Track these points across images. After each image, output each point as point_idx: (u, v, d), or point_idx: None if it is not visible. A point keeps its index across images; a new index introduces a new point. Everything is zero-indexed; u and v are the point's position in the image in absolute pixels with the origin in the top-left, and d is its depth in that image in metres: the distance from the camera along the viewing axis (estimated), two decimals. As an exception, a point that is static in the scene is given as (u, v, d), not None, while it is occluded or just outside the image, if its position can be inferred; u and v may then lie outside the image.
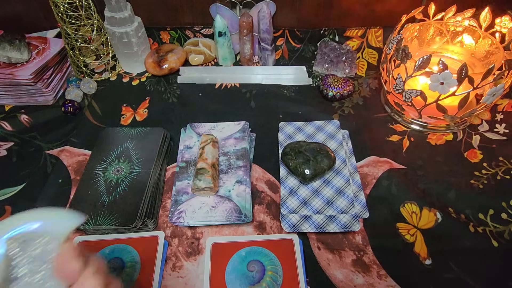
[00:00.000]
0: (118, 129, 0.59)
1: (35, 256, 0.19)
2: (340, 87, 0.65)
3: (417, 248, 0.46)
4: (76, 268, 0.20)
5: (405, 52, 0.52)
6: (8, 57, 0.64)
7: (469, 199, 0.50)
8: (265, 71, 0.73)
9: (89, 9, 0.65)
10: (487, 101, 0.51)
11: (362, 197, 0.51)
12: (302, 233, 0.47)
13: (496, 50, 0.55)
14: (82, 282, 0.20)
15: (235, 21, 0.73)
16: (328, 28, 0.76)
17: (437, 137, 0.59)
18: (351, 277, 0.43)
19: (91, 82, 0.69)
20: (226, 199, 0.50)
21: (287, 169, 0.53)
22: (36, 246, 0.19)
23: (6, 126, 0.63)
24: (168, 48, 0.74)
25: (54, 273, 0.20)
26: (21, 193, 0.53)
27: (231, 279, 0.42)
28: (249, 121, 0.60)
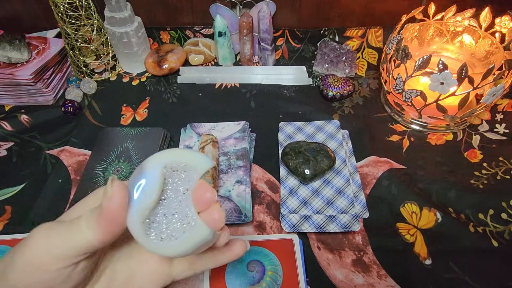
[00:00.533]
0: (118, 129, 0.59)
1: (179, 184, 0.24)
2: (340, 87, 0.65)
3: (417, 248, 0.46)
4: (210, 197, 0.25)
5: (405, 52, 0.52)
6: (8, 57, 0.64)
7: (469, 199, 0.50)
8: (265, 71, 0.73)
9: (89, 9, 0.65)
10: (487, 101, 0.51)
11: (362, 197, 0.51)
12: (302, 233, 0.47)
13: (496, 50, 0.55)
14: (212, 210, 0.25)
15: (235, 21, 0.73)
16: (328, 28, 0.76)
17: (437, 137, 0.59)
18: (351, 277, 0.43)
19: (91, 82, 0.69)
20: (226, 199, 0.50)
21: (287, 169, 0.53)
22: (180, 176, 0.24)
23: (6, 126, 0.63)
24: (168, 48, 0.74)
25: (192, 198, 0.24)
26: (21, 193, 0.53)
27: (231, 279, 0.42)
28: (249, 121, 0.61)
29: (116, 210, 0.22)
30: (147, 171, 0.23)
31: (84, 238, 0.22)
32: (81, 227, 0.22)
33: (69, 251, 0.22)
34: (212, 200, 0.25)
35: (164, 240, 0.23)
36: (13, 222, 0.50)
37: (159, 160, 0.24)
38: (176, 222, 0.24)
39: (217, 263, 0.29)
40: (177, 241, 0.23)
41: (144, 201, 0.23)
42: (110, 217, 0.22)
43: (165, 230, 0.23)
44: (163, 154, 0.24)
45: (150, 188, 0.23)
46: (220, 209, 0.25)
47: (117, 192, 0.22)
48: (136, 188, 0.23)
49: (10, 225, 0.49)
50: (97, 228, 0.22)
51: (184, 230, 0.23)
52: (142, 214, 0.23)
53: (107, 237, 0.22)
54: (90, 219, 0.22)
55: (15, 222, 0.50)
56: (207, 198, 0.24)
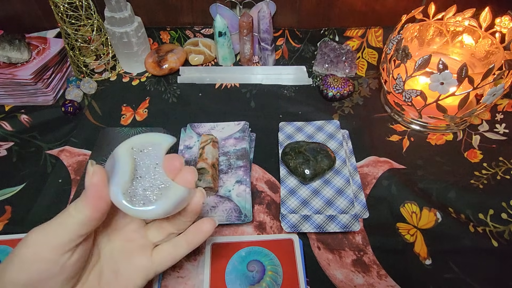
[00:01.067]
0: (118, 129, 0.59)
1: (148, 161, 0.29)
2: (340, 87, 0.65)
3: (417, 248, 0.46)
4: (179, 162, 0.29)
5: (405, 52, 0.52)
6: (8, 57, 0.64)
7: (469, 199, 0.50)
8: (265, 71, 0.73)
9: (89, 9, 0.65)
10: (487, 101, 0.51)
11: (362, 197, 0.51)
12: (302, 233, 0.47)
13: (496, 50, 0.55)
14: (183, 172, 0.29)
15: (235, 21, 0.73)
16: (328, 28, 0.76)
17: (437, 137, 0.59)
18: (351, 277, 0.43)
19: (91, 82, 0.69)
20: (226, 199, 0.50)
21: (287, 169, 0.53)
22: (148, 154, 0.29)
23: (6, 126, 0.63)
24: (168, 48, 0.74)
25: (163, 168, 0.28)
26: (21, 193, 0.53)
27: (231, 279, 0.42)
28: (249, 121, 0.61)
29: (99, 184, 0.25)
30: (117, 155, 0.28)
31: (75, 219, 0.25)
32: (70, 212, 0.25)
33: (64, 237, 0.25)
34: (181, 163, 0.29)
35: (145, 205, 0.27)
36: (13, 222, 0.50)
37: (125, 144, 0.29)
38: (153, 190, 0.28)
39: (191, 246, 0.33)
40: (157, 202, 0.27)
41: (121, 177, 0.27)
42: (95, 192, 0.25)
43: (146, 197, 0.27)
44: (128, 139, 0.29)
45: (123, 167, 0.27)
46: (190, 169, 0.29)
47: (97, 169, 0.25)
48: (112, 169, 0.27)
49: (10, 225, 0.49)
50: (85, 206, 0.25)
51: (161, 193, 0.28)
52: (122, 187, 0.26)
53: (95, 213, 0.25)
54: (78, 202, 0.25)
55: (15, 222, 0.50)
56: (176, 165, 0.29)
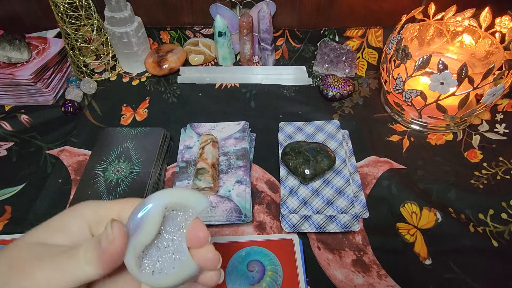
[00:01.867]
0: (118, 129, 0.59)
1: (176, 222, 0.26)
2: (340, 87, 0.65)
3: (417, 248, 0.46)
4: (203, 236, 0.26)
5: (405, 52, 0.52)
6: (8, 57, 0.64)
7: (469, 199, 0.50)
8: (265, 71, 0.73)
9: (89, 9, 0.65)
10: (487, 101, 0.51)
11: (362, 197, 0.51)
12: (302, 233, 0.47)
13: (496, 50, 0.55)
14: (205, 250, 0.26)
15: (235, 21, 0.73)
16: (328, 28, 0.76)
17: (437, 137, 0.59)
18: (351, 277, 0.43)
19: (91, 82, 0.69)
20: (226, 199, 0.50)
21: (287, 169, 0.53)
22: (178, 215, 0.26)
23: (6, 126, 0.63)
24: (168, 48, 0.74)
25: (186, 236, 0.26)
26: (21, 193, 0.53)
27: (231, 279, 0.42)
28: (249, 121, 0.61)
29: (116, 253, 0.23)
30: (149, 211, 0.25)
31: (84, 272, 0.23)
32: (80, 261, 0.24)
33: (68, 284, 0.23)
34: (204, 239, 0.26)
35: (154, 274, 0.25)
36: (13, 222, 0.50)
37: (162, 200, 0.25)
38: (168, 257, 0.26)
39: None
40: (166, 276, 0.25)
41: (142, 239, 0.25)
42: (110, 258, 0.23)
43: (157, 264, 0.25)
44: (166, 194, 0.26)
45: (149, 229, 0.25)
46: (214, 250, 0.26)
47: (118, 237, 0.23)
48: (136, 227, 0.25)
49: (10, 225, 0.49)
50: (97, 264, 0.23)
51: (174, 266, 0.25)
52: (138, 250, 0.25)
53: (106, 272, 0.24)
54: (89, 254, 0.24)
55: (15, 222, 0.50)
56: (200, 237, 0.26)
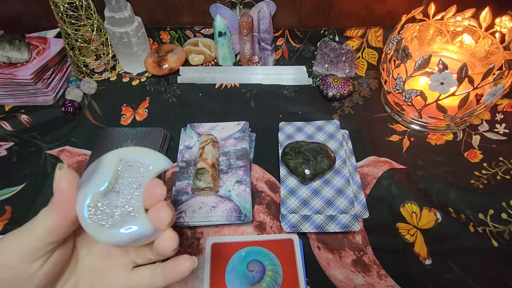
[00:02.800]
0: (118, 129, 0.59)
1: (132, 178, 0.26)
2: (340, 87, 0.65)
3: (417, 248, 0.46)
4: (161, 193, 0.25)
5: (405, 52, 0.52)
6: (8, 57, 0.64)
7: (469, 199, 0.50)
8: (265, 71, 0.73)
9: (89, 9, 0.65)
10: (487, 101, 0.51)
11: (362, 197, 0.51)
12: (302, 233, 0.47)
13: (496, 50, 0.55)
14: (159, 206, 0.25)
15: (235, 21, 0.73)
16: (328, 28, 0.76)
17: (437, 137, 0.59)
18: (351, 277, 0.43)
19: (91, 82, 0.69)
20: (226, 199, 0.50)
21: (287, 169, 0.53)
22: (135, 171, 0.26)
23: (6, 126, 0.63)
24: (168, 48, 0.74)
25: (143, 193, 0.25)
26: (21, 193, 0.53)
27: (231, 279, 0.42)
28: (249, 121, 0.61)
29: (65, 190, 0.24)
30: (102, 162, 0.25)
31: (41, 225, 0.24)
32: (39, 218, 0.24)
33: (31, 244, 0.24)
34: (161, 195, 0.25)
35: (104, 227, 0.24)
36: (13, 222, 0.50)
37: (115, 153, 0.26)
38: (121, 213, 0.25)
39: (167, 281, 0.29)
40: (115, 230, 0.24)
41: (94, 186, 0.24)
42: (60, 198, 0.24)
43: (108, 218, 0.24)
44: (121, 149, 0.26)
45: (101, 176, 0.25)
46: (167, 209, 0.25)
47: (64, 174, 0.24)
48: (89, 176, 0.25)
49: (10, 225, 0.49)
50: (51, 211, 0.24)
51: (126, 220, 0.24)
52: (89, 197, 0.24)
53: (62, 220, 0.24)
54: (46, 208, 0.24)
55: (15, 222, 0.50)
56: (157, 194, 0.25)
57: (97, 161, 0.26)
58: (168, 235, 0.26)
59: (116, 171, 0.25)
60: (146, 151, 0.26)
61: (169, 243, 0.26)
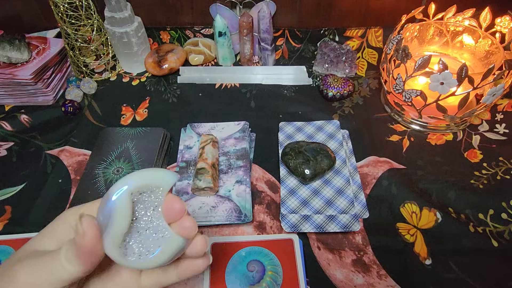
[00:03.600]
0: (118, 129, 0.59)
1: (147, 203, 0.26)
2: (340, 87, 0.65)
3: (417, 248, 0.46)
4: (179, 207, 0.26)
5: (405, 52, 0.52)
6: (8, 57, 0.64)
7: (469, 199, 0.50)
8: (265, 71, 0.73)
9: (89, 9, 0.65)
10: (487, 101, 0.51)
11: (362, 197, 0.51)
12: (302, 233, 0.47)
13: (496, 50, 0.55)
14: (182, 220, 0.26)
15: (235, 21, 0.73)
16: (328, 28, 0.76)
17: (437, 137, 0.59)
18: (351, 277, 0.43)
19: (91, 82, 0.69)
20: (226, 199, 0.50)
21: (287, 169, 0.53)
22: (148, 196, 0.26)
23: (6, 126, 0.63)
24: (168, 48, 0.74)
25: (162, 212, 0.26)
26: (21, 193, 0.53)
27: (231, 279, 0.42)
28: (249, 121, 0.61)
29: (90, 246, 0.23)
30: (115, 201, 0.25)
31: (66, 271, 0.23)
32: (62, 262, 0.24)
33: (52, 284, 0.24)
34: (182, 209, 0.26)
35: (142, 257, 0.25)
36: (13, 222, 0.50)
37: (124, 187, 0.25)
38: (150, 238, 0.25)
39: (181, 278, 0.30)
40: (154, 255, 0.25)
41: (117, 229, 0.24)
42: (86, 252, 0.23)
43: (141, 247, 0.25)
44: (127, 178, 0.26)
45: (120, 218, 0.24)
46: (190, 218, 0.26)
47: (88, 229, 0.23)
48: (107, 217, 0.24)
49: (10, 225, 0.49)
50: (77, 261, 0.23)
51: (159, 244, 0.25)
52: (117, 240, 0.24)
53: (87, 268, 0.24)
54: (69, 252, 0.24)
55: (15, 222, 0.50)
56: (176, 209, 0.26)
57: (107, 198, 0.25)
58: (199, 240, 0.27)
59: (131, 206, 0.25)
60: (151, 173, 0.26)
61: (201, 247, 0.27)
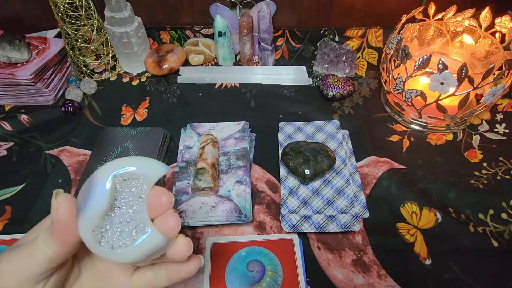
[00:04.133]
0: (118, 129, 0.59)
1: (131, 192, 0.24)
2: (340, 87, 0.65)
3: (417, 248, 0.46)
4: (167, 200, 0.24)
5: (405, 52, 0.52)
6: (8, 57, 0.64)
7: (469, 199, 0.50)
8: (265, 71, 0.73)
9: (89, 9, 0.65)
10: (487, 101, 0.51)
11: (362, 197, 0.51)
12: (302, 233, 0.47)
13: (496, 50, 0.55)
14: (166, 216, 0.24)
15: (235, 21, 0.73)
16: (328, 28, 0.76)
17: (437, 137, 0.59)
18: (351, 277, 0.43)
19: (91, 82, 0.69)
20: (226, 199, 0.50)
21: (287, 169, 0.53)
22: (132, 184, 0.24)
23: (6, 126, 0.63)
24: (168, 48, 0.74)
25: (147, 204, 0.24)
26: (21, 193, 0.53)
27: (231, 279, 0.42)
28: (249, 121, 0.61)
29: (64, 220, 0.23)
30: (97, 182, 0.23)
31: (43, 253, 0.23)
32: (38, 244, 0.23)
33: (32, 270, 0.23)
34: (168, 203, 0.24)
35: (115, 248, 0.23)
36: (13, 222, 0.50)
37: (108, 170, 0.24)
38: (128, 230, 0.24)
39: (172, 281, 0.28)
40: (128, 249, 0.23)
41: (94, 210, 0.23)
42: (60, 227, 0.23)
43: (117, 238, 0.24)
44: (113, 163, 0.24)
45: (99, 198, 0.23)
46: (175, 215, 0.24)
47: (62, 203, 0.23)
48: (86, 198, 0.23)
49: (10, 225, 0.49)
50: (52, 240, 0.23)
51: (136, 238, 0.23)
52: (91, 222, 0.23)
53: (64, 248, 0.23)
54: (45, 234, 0.23)
55: (15, 222, 0.50)
56: (163, 202, 0.24)
57: (89, 181, 0.24)
58: (181, 242, 0.25)
59: (112, 189, 0.24)
60: (138, 160, 0.25)
61: (183, 250, 0.25)
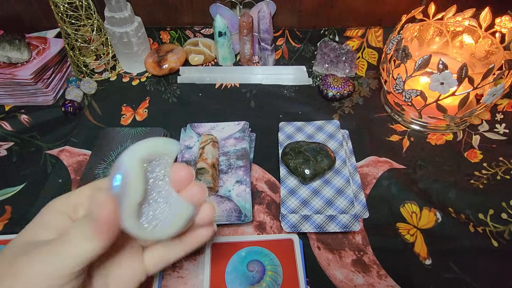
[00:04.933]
0: (118, 129, 0.59)
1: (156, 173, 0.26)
2: (340, 87, 0.65)
3: (417, 248, 0.46)
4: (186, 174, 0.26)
5: (405, 52, 0.52)
6: (8, 57, 0.64)
7: (469, 199, 0.50)
8: (265, 71, 0.73)
9: (89, 9, 0.65)
10: (487, 101, 0.51)
11: (362, 197, 0.51)
12: (302, 233, 0.47)
13: (496, 50, 0.55)
14: (191, 187, 0.26)
15: (235, 21, 0.73)
16: (328, 28, 0.76)
17: (437, 137, 0.59)
18: (351, 277, 0.43)
19: (91, 82, 0.69)
20: (226, 199, 0.50)
21: (287, 169, 0.53)
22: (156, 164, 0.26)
23: (6, 126, 0.63)
24: (168, 48, 0.74)
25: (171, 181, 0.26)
26: (21, 193, 0.53)
27: (231, 279, 0.42)
28: (249, 121, 0.61)
29: (110, 218, 0.23)
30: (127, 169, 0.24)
31: (83, 249, 0.23)
32: (75, 241, 0.23)
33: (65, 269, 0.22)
34: (188, 176, 0.26)
35: (156, 227, 0.25)
36: (13, 222, 0.50)
37: (134, 155, 0.25)
38: (162, 208, 0.26)
39: (187, 250, 0.30)
40: (167, 225, 0.25)
41: (132, 198, 0.24)
42: (107, 224, 0.23)
43: (153, 217, 0.25)
44: (134, 148, 0.25)
45: (134, 184, 0.24)
46: (197, 183, 0.27)
47: (107, 200, 0.23)
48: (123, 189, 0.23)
49: (10, 225, 0.49)
50: (95, 236, 0.23)
51: (171, 213, 0.25)
52: (132, 209, 0.24)
53: (106, 243, 0.23)
54: (85, 230, 0.23)
55: (15, 222, 0.50)
56: (183, 176, 0.26)
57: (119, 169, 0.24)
58: (206, 206, 0.28)
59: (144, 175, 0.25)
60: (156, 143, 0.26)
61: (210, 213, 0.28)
